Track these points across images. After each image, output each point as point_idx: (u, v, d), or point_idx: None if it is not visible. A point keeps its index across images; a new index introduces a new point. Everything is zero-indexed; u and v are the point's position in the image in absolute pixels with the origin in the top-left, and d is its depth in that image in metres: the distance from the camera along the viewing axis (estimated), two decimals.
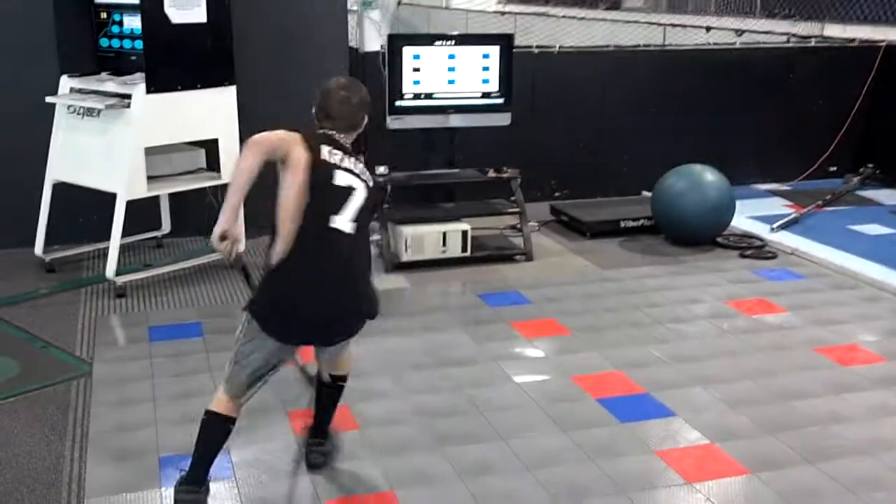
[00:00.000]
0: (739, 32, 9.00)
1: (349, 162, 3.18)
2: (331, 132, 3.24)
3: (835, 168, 8.32)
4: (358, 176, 3.18)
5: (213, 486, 3.38)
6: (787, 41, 8.72)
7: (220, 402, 3.17)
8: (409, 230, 5.88)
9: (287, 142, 3.07)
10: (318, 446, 3.53)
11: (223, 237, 3.11)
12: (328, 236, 3.06)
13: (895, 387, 4.31)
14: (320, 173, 3.06)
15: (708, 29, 9.33)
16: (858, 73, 8.21)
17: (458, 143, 6.44)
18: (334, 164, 3.12)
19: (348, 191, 3.12)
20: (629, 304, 5.36)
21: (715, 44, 8.61)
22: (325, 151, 3.12)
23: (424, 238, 5.90)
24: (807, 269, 6.03)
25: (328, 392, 3.52)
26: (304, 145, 3.07)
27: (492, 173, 6.26)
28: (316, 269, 3.06)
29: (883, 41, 8.39)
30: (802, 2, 10.16)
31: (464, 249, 5.99)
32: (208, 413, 3.17)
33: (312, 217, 3.04)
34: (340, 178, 3.11)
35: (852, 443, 3.80)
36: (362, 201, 3.14)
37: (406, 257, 5.88)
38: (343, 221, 3.09)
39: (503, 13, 12.35)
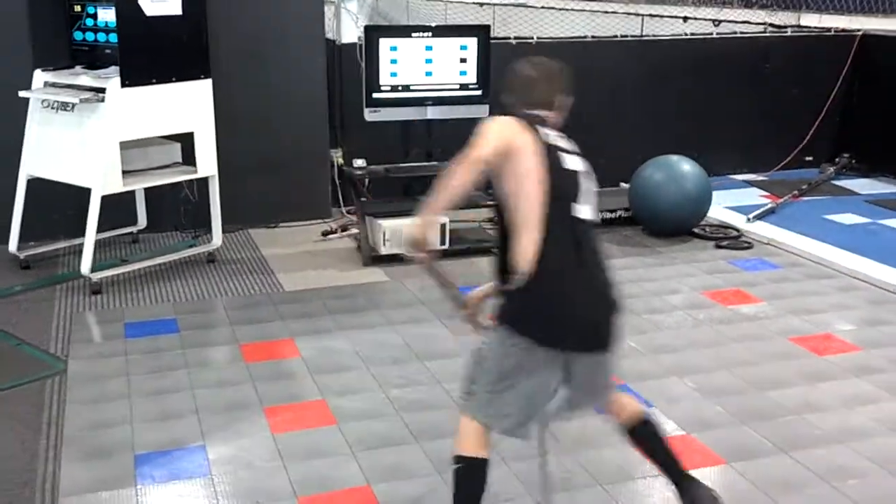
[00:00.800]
0: (717, 22, 9.02)
1: (568, 143, 2.90)
2: (538, 113, 2.91)
3: (811, 158, 8.37)
4: (579, 155, 2.90)
5: (189, 483, 3.40)
6: (764, 31, 8.75)
7: (469, 442, 2.84)
8: (387, 223, 5.87)
9: (505, 135, 2.73)
10: (697, 487, 3.03)
11: (419, 244, 2.82)
12: (574, 227, 2.77)
13: (869, 376, 4.35)
14: (552, 159, 2.76)
15: (685, 19, 9.34)
16: (834, 63, 8.26)
17: (437, 136, 6.43)
18: (560, 147, 2.84)
19: (577, 174, 2.85)
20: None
21: (692, 34, 8.64)
22: (548, 133, 2.83)
23: (403, 231, 5.89)
24: (783, 259, 6.06)
25: (647, 433, 3.07)
26: (526, 130, 2.76)
27: None
28: (575, 262, 2.76)
29: (859, 30, 8.44)
30: None
31: (442, 242, 5.98)
32: (459, 460, 2.86)
33: (555, 208, 2.72)
34: (570, 162, 2.84)
35: (826, 432, 3.83)
36: (591, 182, 2.87)
37: (384, 250, 5.87)
38: (582, 208, 2.81)
39: (482, 4, 12.30)
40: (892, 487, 3.44)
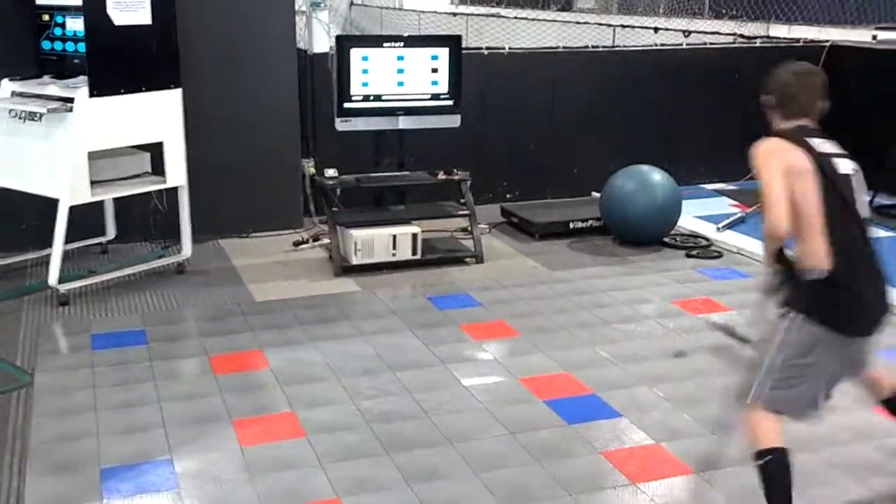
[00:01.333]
0: (687, 33, 9.09)
1: (836, 146, 3.12)
2: (803, 123, 3.15)
3: None
4: (848, 157, 3.13)
5: (156, 497, 3.36)
6: (734, 41, 8.83)
7: (771, 432, 3.11)
8: (358, 233, 5.85)
9: (781, 158, 3.01)
10: None
11: (775, 270, 3.15)
12: (857, 225, 3.07)
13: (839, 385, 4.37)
14: (826, 168, 3.01)
15: (656, 30, 9.40)
16: None
17: (408, 145, 6.44)
18: (831, 153, 3.07)
19: (850, 177, 3.09)
20: (578, 305, 5.39)
21: (663, 44, 8.70)
22: (816, 143, 3.06)
23: (374, 241, 5.88)
24: (752, 268, 6.10)
25: None
26: (796, 146, 3.02)
27: (442, 175, 6.26)
28: (861, 256, 3.08)
29: (827, 41, 8.53)
30: (749, 3, 10.28)
31: (414, 252, 5.97)
32: (766, 453, 3.09)
33: (838, 211, 3.01)
34: (843, 166, 3.08)
35: (795, 440, 3.83)
36: (861, 180, 3.12)
37: (356, 260, 5.86)
38: (860, 207, 3.09)
39: (455, 14, 12.35)
40: (859, 495, 3.47)
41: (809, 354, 3.05)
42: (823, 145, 3.08)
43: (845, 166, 3.09)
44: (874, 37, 8.54)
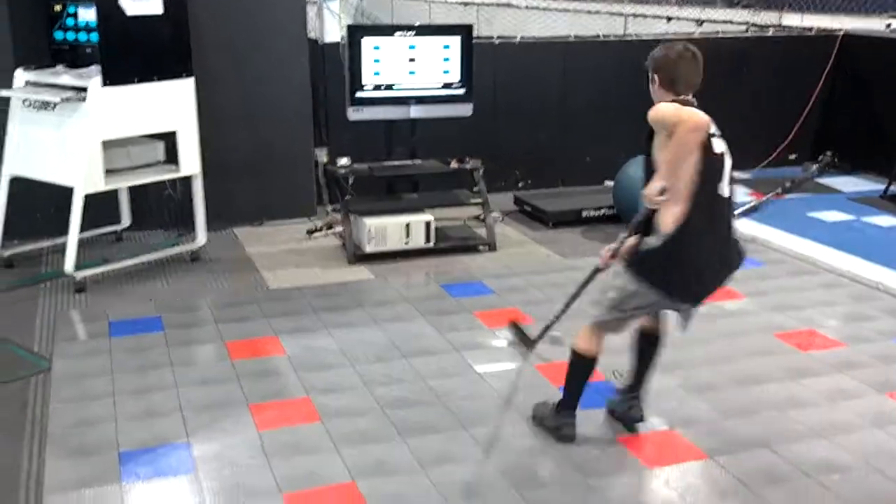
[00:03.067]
0: (700, 22, 9.05)
1: (714, 127, 3.29)
2: (688, 97, 3.33)
3: (794, 156, 8.43)
4: (722, 138, 3.31)
5: (174, 480, 3.39)
6: (746, 30, 8.80)
7: (588, 343, 3.53)
8: (371, 221, 5.87)
9: (691, 116, 3.17)
10: (635, 399, 3.75)
11: (662, 192, 3.20)
12: (717, 202, 3.25)
13: (852, 371, 4.38)
14: (707, 142, 3.21)
15: (668, 19, 9.37)
16: (816, 62, 8.32)
17: (421, 135, 6.44)
18: (710, 133, 3.25)
19: (723, 157, 3.29)
20: (590, 292, 5.37)
21: (675, 34, 8.66)
22: (703, 118, 3.22)
23: (387, 229, 5.90)
24: (766, 256, 6.10)
25: (657, 347, 3.71)
26: (693, 118, 3.16)
27: (454, 164, 6.26)
28: (712, 234, 3.26)
29: (840, 30, 8.49)
30: None
31: (427, 240, 5.99)
32: (577, 354, 3.56)
33: (705, 186, 3.20)
34: (717, 146, 3.27)
35: (809, 427, 3.86)
36: (729, 161, 3.31)
37: (369, 248, 5.87)
38: (724, 187, 3.27)
39: (466, 3, 12.30)
40: (875, 482, 3.47)
41: (637, 305, 3.39)
42: (709, 122, 3.24)
43: (719, 146, 3.28)
44: (888, 25, 8.50)
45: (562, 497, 3.34)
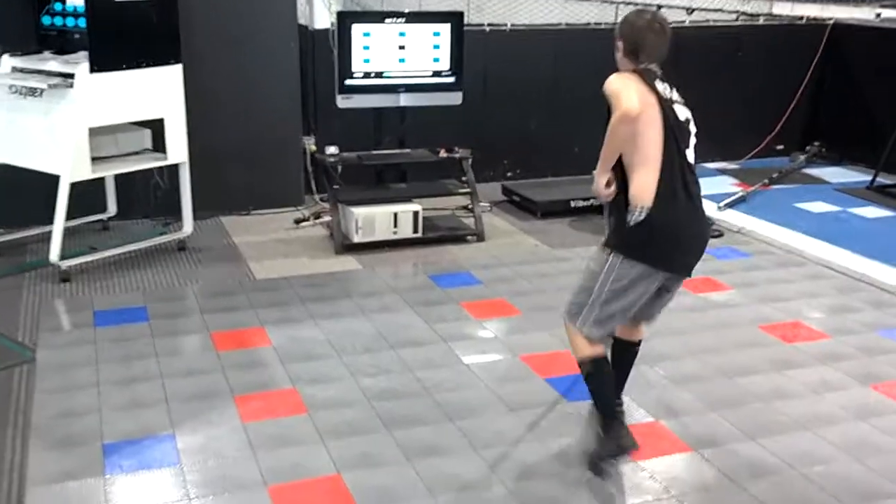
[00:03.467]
0: (690, 11, 9.04)
1: (677, 94, 3.29)
2: (650, 66, 3.28)
3: (782, 147, 8.44)
4: (685, 105, 3.30)
5: (158, 473, 3.38)
6: (736, 19, 8.79)
7: (586, 349, 3.34)
8: (359, 211, 5.85)
9: (639, 89, 3.14)
10: (619, 406, 3.58)
11: (608, 184, 3.24)
12: (685, 169, 3.21)
13: (837, 363, 4.41)
14: (668, 111, 3.18)
15: (659, 7, 9.33)
16: (806, 52, 8.32)
17: (410, 123, 6.42)
18: (672, 100, 3.23)
19: (687, 123, 3.27)
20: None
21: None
22: (661, 88, 3.22)
23: (375, 219, 5.88)
24: (753, 247, 6.11)
25: (633, 353, 3.64)
26: (647, 87, 3.16)
27: (443, 153, 6.25)
28: (685, 201, 3.21)
29: (830, 19, 8.49)
30: None
31: (415, 230, 5.98)
32: (586, 363, 3.36)
33: (672, 154, 3.17)
34: (680, 112, 3.25)
35: (794, 419, 3.87)
36: (693, 128, 3.29)
37: (357, 238, 5.86)
38: (690, 153, 3.25)
39: None
40: (858, 473, 3.49)
41: (630, 289, 3.26)
42: (667, 91, 3.24)
43: (683, 113, 3.26)
44: (878, 14, 8.51)
45: (547, 489, 3.35)
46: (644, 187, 3.16)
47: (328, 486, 3.32)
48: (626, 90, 3.09)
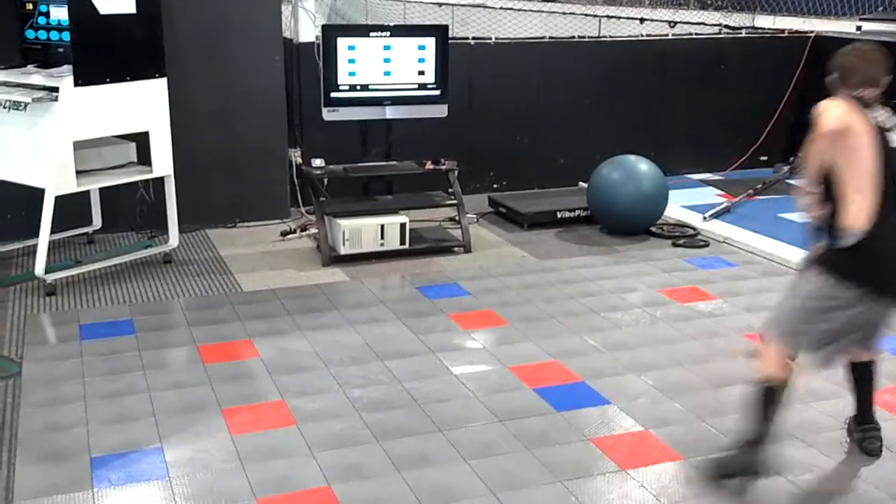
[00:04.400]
0: (672, 24, 9.12)
1: (891, 120, 3.28)
2: (862, 93, 3.28)
3: (766, 158, 8.49)
4: None
5: (146, 486, 3.36)
6: (719, 32, 8.87)
7: (774, 365, 3.34)
8: (346, 223, 5.85)
9: (843, 116, 3.17)
10: (873, 431, 3.60)
11: (813, 205, 3.34)
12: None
13: (823, 372, 4.41)
14: (879, 137, 3.20)
15: (642, 20, 9.43)
16: (788, 64, 8.39)
17: (396, 136, 6.43)
18: (884, 128, 3.24)
19: None
20: (565, 294, 5.41)
21: (648, 35, 8.71)
22: (871, 115, 3.23)
23: (362, 231, 5.88)
24: (738, 257, 6.15)
25: (871, 373, 3.57)
26: (856, 112, 3.19)
27: (429, 165, 6.26)
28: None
29: (811, 32, 8.57)
30: None
31: (402, 242, 5.98)
32: (762, 380, 3.34)
33: (883, 180, 3.18)
34: (894, 140, 3.25)
35: (782, 427, 3.88)
36: None
37: (344, 250, 5.86)
38: None
39: (441, 4, 12.31)
40: (847, 480, 3.50)
41: (832, 308, 3.24)
42: (882, 119, 3.26)
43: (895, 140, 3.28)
44: (858, 27, 8.59)
45: (537, 499, 3.34)
46: (856, 212, 3.18)
47: (318, 499, 3.31)
48: (828, 111, 3.18)
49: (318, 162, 6.15)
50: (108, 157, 5.56)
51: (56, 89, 5.07)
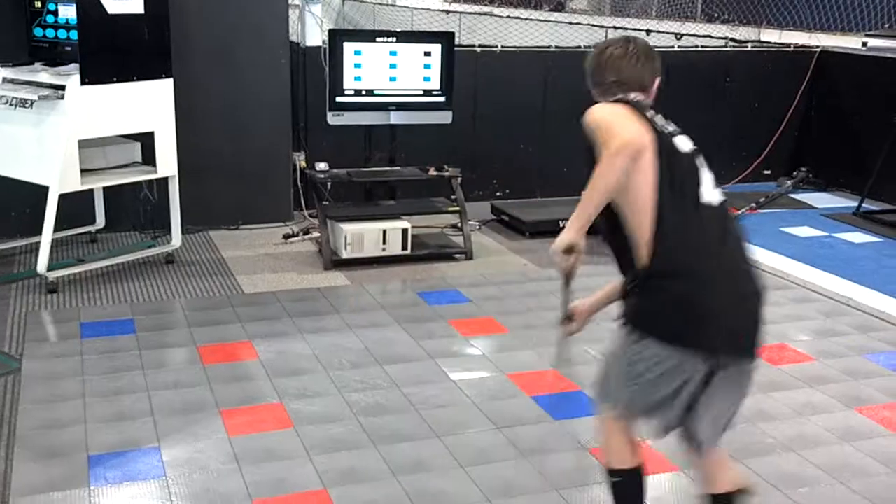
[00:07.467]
0: (679, 36, 9.13)
1: (671, 123, 2.67)
2: (634, 96, 2.75)
3: (769, 171, 8.50)
4: (685, 135, 2.67)
5: (143, 485, 3.37)
6: (725, 45, 8.88)
7: (619, 453, 2.73)
8: (349, 227, 5.86)
9: (635, 120, 2.54)
10: None
11: (569, 250, 2.62)
12: (703, 214, 2.54)
13: (822, 386, 4.42)
14: (665, 143, 2.56)
15: (648, 32, 9.43)
16: (793, 78, 8.40)
17: (400, 141, 6.44)
18: (668, 132, 2.64)
19: (693, 156, 2.62)
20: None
21: (655, 47, 8.71)
22: (652, 118, 2.64)
23: (364, 235, 5.89)
24: None
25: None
26: (637, 117, 2.55)
27: (433, 171, 6.27)
28: (709, 258, 2.50)
29: (817, 47, 8.59)
30: (741, 7, 10.35)
31: (404, 247, 5.99)
32: (611, 472, 2.73)
33: (676, 196, 2.50)
34: (681, 144, 2.63)
35: (779, 440, 3.89)
36: (703, 161, 2.63)
37: (346, 255, 5.86)
38: (706, 190, 2.56)
39: (448, 12, 12.35)
40: (842, 495, 3.50)
41: (659, 368, 2.56)
42: (663, 122, 2.68)
43: (685, 144, 2.65)
44: (864, 43, 8.60)
45: None
46: (649, 244, 2.51)
47: (314, 501, 3.31)
48: (619, 118, 2.57)
49: (321, 166, 6.17)
50: (113, 156, 5.57)
51: (63, 87, 5.09)
